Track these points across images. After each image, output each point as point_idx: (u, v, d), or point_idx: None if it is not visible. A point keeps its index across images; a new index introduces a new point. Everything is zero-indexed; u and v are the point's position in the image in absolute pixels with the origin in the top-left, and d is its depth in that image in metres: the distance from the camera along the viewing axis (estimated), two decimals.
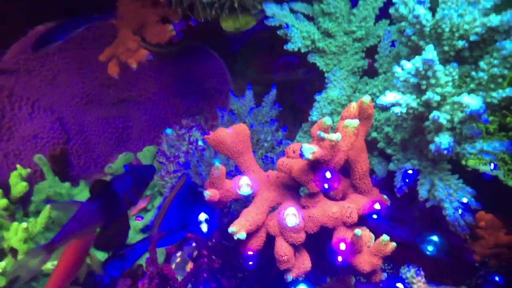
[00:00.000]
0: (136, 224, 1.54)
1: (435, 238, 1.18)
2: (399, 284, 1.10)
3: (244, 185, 0.96)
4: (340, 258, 0.96)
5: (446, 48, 0.99)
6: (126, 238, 1.22)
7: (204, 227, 1.07)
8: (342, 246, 0.95)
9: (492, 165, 1.22)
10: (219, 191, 0.90)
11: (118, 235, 1.15)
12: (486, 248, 1.22)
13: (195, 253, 1.40)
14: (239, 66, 1.66)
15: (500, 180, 1.22)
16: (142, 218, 1.55)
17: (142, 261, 1.56)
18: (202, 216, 1.08)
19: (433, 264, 1.09)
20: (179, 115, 1.72)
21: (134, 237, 1.54)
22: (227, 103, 1.64)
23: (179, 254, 1.47)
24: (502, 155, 1.23)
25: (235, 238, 0.84)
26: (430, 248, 1.15)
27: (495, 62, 0.92)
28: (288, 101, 1.54)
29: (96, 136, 1.76)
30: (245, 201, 1.15)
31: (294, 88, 1.55)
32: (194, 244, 1.46)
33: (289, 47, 1.16)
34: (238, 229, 0.84)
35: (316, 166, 0.88)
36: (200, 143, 1.41)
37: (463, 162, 1.22)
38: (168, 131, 1.61)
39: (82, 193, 1.54)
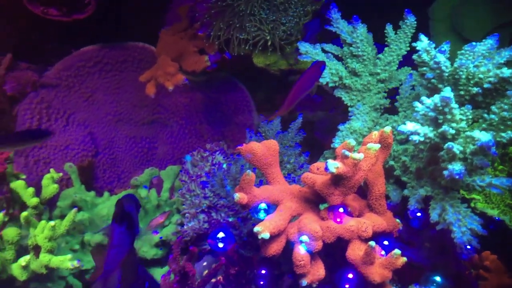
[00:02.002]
0: (151, 237, 1.60)
1: (437, 278, 1.24)
2: None
3: (262, 210, 1.05)
4: (347, 286, 1.04)
5: (462, 92, 1.10)
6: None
7: (221, 244, 1.15)
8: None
9: (497, 211, 1.30)
10: (247, 196, 0.99)
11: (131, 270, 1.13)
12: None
13: (205, 272, 1.46)
14: (261, 98, 1.79)
15: (507, 225, 1.29)
16: (158, 232, 1.61)
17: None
18: (220, 234, 1.16)
19: None
20: (203, 141, 1.82)
21: (148, 251, 1.60)
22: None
23: None
24: (509, 201, 1.31)
25: (259, 237, 0.92)
26: None
27: (505, 107, 1.02)
28: (308, 137, 1.63)
29: (123, 153, 1.86)
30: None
31: (314, 124, 1.65)
32: (205, 264, 1.52)
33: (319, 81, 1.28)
34: (262, 230, 0.92)
35: (338, 181, 0.97)
36: (224, 166, 1.50)
37: (472, 204, 1.30)
38: (188, 157, 1.70)
39: (105, 203, 1.62)
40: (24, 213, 1.38)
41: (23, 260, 1.33)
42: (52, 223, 1.37)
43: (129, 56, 1.81)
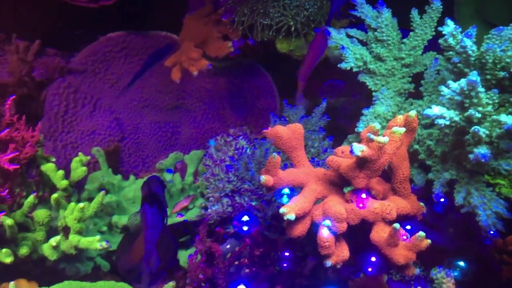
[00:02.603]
0: (176, 220, 1.63)
1: (461, 263, 1.24)
2: None
3: (285, 195, 1.07)
4: (370, 269, 1.05)
5: (488, 76, 1.10)
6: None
7: (245, 227, 1.18)
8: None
9: None
10: (273, 178, 1.01)
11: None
12: None
13: (229, 254, 1.49)
14: (284, 84, 1.80)
15: None
16: (182, 215, 1.64)
17: None
18: (245, 218, 1.19)
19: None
20: (226, 126, 1.85)
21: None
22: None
23: None
24: None
25: (285, 218, 0.94)
26: (455, 273, 1.22)
27: None
28: (330, 122, 1.63)
29: (148, 138, 1.89)
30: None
31: (336, 110, 1.66)
32: (228, 246, 1.54)
33: (343, 65, 1.28)
34: (288, 211, 0.94)
35: (362, 164, 0.98)
36: (248, 151, 1.52)
37: (497, 190, 1.30)
38: (211, 142, 1.72)
39: (131, 186, 1.66)
40: (55, 195, 1.41)
41: (53, 241, 1.37)
42: (81, 204, 1.40)
43: (155, 42, 1.83)
